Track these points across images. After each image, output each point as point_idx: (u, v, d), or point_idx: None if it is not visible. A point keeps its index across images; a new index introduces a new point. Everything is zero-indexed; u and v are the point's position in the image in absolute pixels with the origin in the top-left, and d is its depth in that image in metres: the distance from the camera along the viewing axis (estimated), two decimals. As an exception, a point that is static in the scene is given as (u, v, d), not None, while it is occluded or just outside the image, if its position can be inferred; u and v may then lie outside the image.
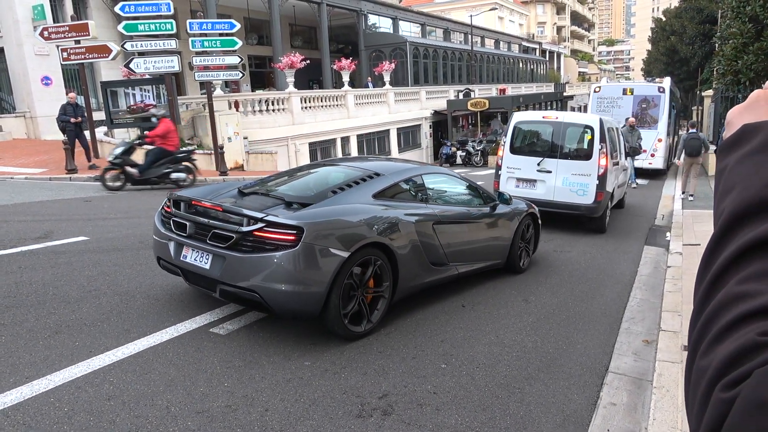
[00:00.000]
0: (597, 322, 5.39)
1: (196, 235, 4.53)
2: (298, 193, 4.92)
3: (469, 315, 5.33)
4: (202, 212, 4.64)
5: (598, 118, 9.75)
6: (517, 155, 9.96)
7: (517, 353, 4.54)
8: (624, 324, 5.40)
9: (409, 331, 4.82)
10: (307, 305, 4.19)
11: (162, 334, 4.42)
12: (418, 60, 34.35)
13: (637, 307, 5.92)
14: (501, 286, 6.32)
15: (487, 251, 6.36)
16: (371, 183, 5.15)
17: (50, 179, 13.39)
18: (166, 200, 5.10)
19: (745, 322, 0.54)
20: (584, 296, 6.18)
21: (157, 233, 4.93)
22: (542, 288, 6.40)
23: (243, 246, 4.19)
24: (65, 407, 3.34)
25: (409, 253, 4.93)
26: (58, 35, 15.73)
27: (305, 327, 4.73)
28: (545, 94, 41.26)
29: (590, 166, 9.39)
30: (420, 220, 5.14)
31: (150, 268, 6.12)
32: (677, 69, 45.13)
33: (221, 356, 4.12)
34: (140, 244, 7.12)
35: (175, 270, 4.72)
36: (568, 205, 9.48)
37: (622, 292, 6.41)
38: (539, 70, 58.67)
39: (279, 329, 4.66)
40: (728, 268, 0.59)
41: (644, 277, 7.08)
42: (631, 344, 4.91)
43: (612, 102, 17.71)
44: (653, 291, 6.49)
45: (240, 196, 5.04)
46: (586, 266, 7.46)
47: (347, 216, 4.52)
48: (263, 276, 4.07)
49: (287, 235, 4.09)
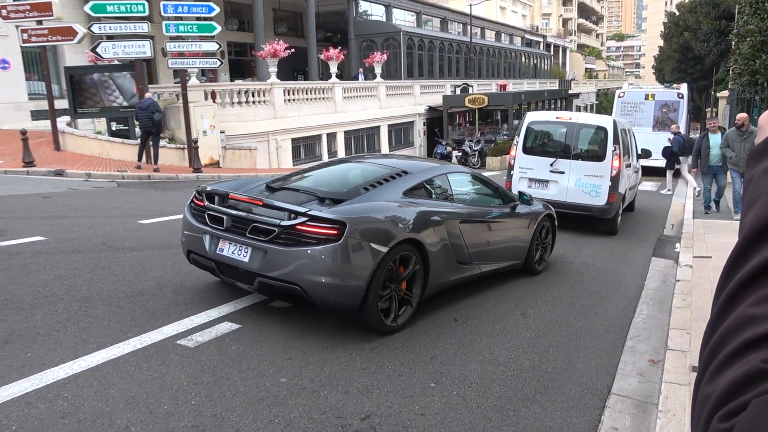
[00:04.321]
0: (599, 340, 5.41)
1: (233, 229, 4.92)
2: (331, 189, 5.38)
3: (461, 330, 5.33)
4: (239, 206, 5.06)
5: (611, 120, 10.34)
6: (529, 155, 10.53)
7: (512, 372, 4.54)
8: (629, 342, 5.43)
9: (397, 346, 4.81)
10: (346, 298, 4.62)
11: (124, 346, 4.37)
12: (412, 51, 34.47)
13: (642, 324, 5.95)
14: (496, 299, 6.33)
15: (507, 251, 6.89)
16: (401, 181, 5.67)
17: (5, 172, 13.24)
18: (195, 194, 5.47)
19: (752, 347, 0.54)
20: (586, 311, 6.21)
21: (189, 227, 5.29)
22: (541, 301, 6.42)
23: (284, 239, 4.60)
24: (13, 425, 3.29)
25: (440, 251, 5.43)
26: (17, 14, 15.56)
27: (282, 339, 4.71)
28: (549, 92, 41.57)
29: (603, 168, 9.92)
30: (448, 218, 5.61)
31: (113, 272, 6.07)
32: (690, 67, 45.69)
33: (189, 371, 4.08)
34: (103, 245, 7.06)
35: (208, 264, 5.10)
36: (581, 206, 10.02)
37: (628, 308, 6.44)
38: (543, 65, 59.12)
39: (253, 342, 4.63)
40: (743, 288, 0.59)
41: (651, 292, 7.12)
42: (636, 364, 4.94)
43: (635, 106, 20.66)
44: (661, 306, 6.53)
45: (269, 191, 5.49)
46: (589, 278, 7.50)
47: (384, 212, 4.99)
48: (305, 269, 4.49)
49: (330, 229, 4.51)
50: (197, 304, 5.35)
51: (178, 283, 5.92)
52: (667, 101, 20.57)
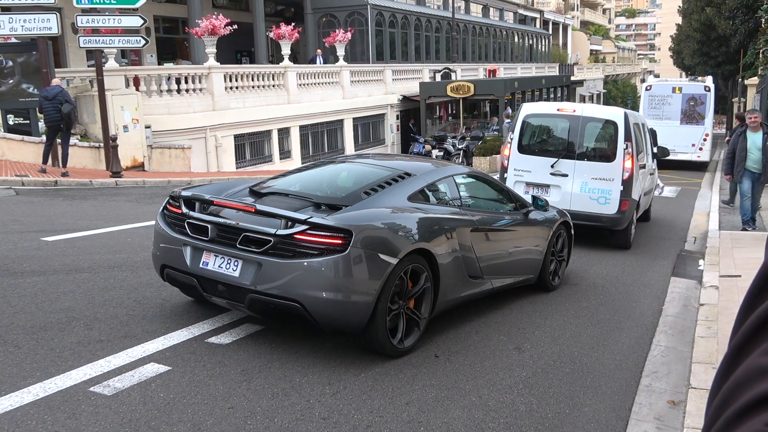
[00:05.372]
0: (610, 378, 5.48)
1: (220, 239, 5.17)
2: (327, 194, 5.81)
3: (443, 368, 5.34)
4: (225, 213, 5.35)
5: (622, 112, 10.50)
6: (526, 155, 10.67)
7: (505, 419, 4.56)
8: (644, 380, 5.51)
9: (364, 390, 4.80)
10: (354, 316, 4.93)
11: (23, 395, 4.28)
12: (382, 29, 34.70)
13: (661, 358, 6.05)
14: (486, 330, 6.37)
15: (521, 264, 7.32)
16: (404, 184, 6.02)
17: None
18: (169, 199, 5.71)
19: (760, 406, 0.54)
20: (594, 343, 6.28)
21: (164, 238, 5.54)
22: (540, 332, 6.48)
23: (281, 250, 4.87)
24: None
25: (450, 262, 5.80)
26: None
27: (222, 384, 4.66)
28: (547, 78, 42.20)
29: (613, 169, 10.06)
30: (458, 226, 5.98)
31: (8, 302, 5.94)
32: (714, 49, 46.82)
33: (105, 425, 4.01)
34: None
35: (188, 280, 5.36)
36: (587, 215, 10.15)
37: (643, 338, 6.54)
38: (540, 47, 60.05)
39: (186, 388, 4.57)
40: (755, 334, 0.59)
41: (671, 318, 7.25)
42: (653, 406, 5.01)
43: (662, 99, 24.58)
44: (681, 336, 6.65)
45: (255, 196, 5.82)
46: (596, 303, 7.60)
47: (391, 219, 5.35)
48: (306, 283, 4.78)
49: (334, 238, 4.81)
50: (116, 341, 5.27)
51: (92, 315, 5.82)
52: (694, 94, 24.42)
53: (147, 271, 7.12)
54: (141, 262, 7.59)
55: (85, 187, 14.40)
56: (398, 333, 5.32)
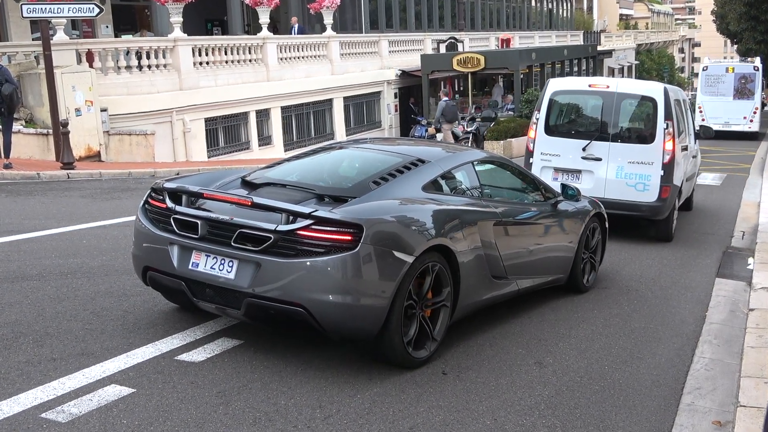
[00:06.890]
0: (646, 396, 5.49)
1: (212, 237, 5.23)
2: (331, 184, 5.93)
3: (452, 387, 5.35)
4: (216, 207, 5.41)
5: (662, 87, 10.66)
6: (554, 137, 10.87)
7: (525, 445, 4.57)
8: (686, 397, 5.51)
9: (360, 414, 4.81)
10: (365, 322, 5.04)
11: (-38, 424, 4.27)
12: (376, -8, 34.59)
13: (704, 372, 6.05)
14: (502, 342, 6.38)
15: (549, 262, 7.45)
16: (417, 172, 6.11)
17: None
18: (151, 192, 5.77)
19: None
20: (627, 356, 6.29)
21: (146, 237, 5.60)
22: (564, 344, 6.49)
23: (282, 249, 4.95)
24: None
25: (472, 260, 5.93)
26: None
27: (195, 408, 4.66)
28: (570, 48, 42.18)
29: (652, 152, 10.23)
30: (480, 219, 6.10)
31: (-55, 317, 5.92)
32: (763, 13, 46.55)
33: (59, 458, 4.01)
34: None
35: (174, 284, 5.41)
36: (624, 204, 10.32)
37: (683, 349, 6.55)
38: (561, 11, 59.94)
39: (153, 413, 4.57)
40: None
41: (715, 326, 7.25)
42: (697, 428, 5.01)
43: (717, 78, 32.24)
44: (728, 347, 6.66)
45: (249, 187, 5.89)
46: (630, 309, 7.61)
47: (406, 212, 5.44)
48: (310, 285, 4.85)
49: (342, 234, 4.88)
50: (70, 359, 5.26)
51: (42, 329, 5.81)
52: (745, 74, 32.14)
53: (105, 278, 7.12)
54: (98, 267, 7.59)
55: (31, 180, 14.37)
56: (426, 340, 5.50)
